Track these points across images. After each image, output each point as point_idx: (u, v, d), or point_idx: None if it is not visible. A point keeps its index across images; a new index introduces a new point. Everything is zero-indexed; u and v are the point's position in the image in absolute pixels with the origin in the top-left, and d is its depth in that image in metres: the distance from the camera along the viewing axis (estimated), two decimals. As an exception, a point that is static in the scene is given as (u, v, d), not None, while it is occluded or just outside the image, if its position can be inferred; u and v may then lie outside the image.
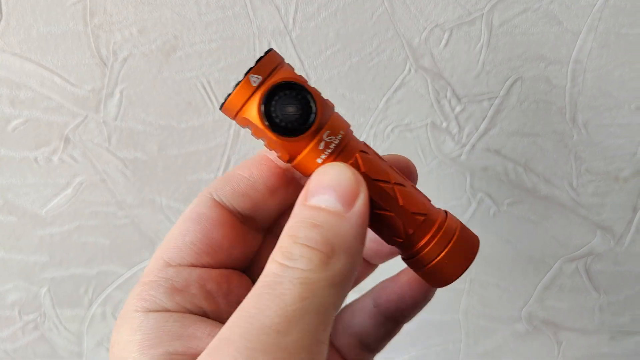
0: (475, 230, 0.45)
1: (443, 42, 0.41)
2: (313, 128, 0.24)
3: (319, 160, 0.24)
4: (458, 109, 0.42)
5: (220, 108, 0.25)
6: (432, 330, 0.48)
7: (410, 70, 0.41)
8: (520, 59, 0.42)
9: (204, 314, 0.24)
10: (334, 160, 0.24)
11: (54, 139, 0.41)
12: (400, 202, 0.25)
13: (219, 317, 0.25)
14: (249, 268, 0.28)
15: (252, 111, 0.23)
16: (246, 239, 0.27)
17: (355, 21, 0.40)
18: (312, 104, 0.24)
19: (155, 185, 0.43)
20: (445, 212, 0.27)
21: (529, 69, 0.42)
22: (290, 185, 0.27)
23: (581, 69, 0.42)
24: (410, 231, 0.25)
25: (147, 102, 0.41)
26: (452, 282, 0.26)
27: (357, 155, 0.25)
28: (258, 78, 0.23)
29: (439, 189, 0.44)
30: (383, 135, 0.43)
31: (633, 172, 0.44)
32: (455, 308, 0.47)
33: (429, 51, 0.41)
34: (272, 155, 0.27)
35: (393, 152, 0.43)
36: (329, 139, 0.24)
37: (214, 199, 0.26)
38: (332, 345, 0.31)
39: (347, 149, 0.25)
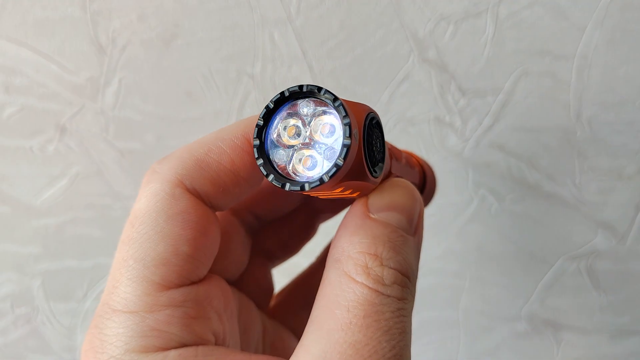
0: (476, 226, 0.45)
1: (448, 34, 0.40)
2: (382, 171, 0.21)
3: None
4: (462, 103, 0.42)
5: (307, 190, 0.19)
6: (431, 328, 0.48)
7: (414, 62, 0.41)
8: (526, 53, 0.41)
9: (222, 342, 0.21)
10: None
11: (50, 127, 0.40)
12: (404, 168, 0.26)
13: (224, 341, 0.21)
14: (215, 264, 0.24)
15: (360, 169, 0.19)
16: (216, 231, 0.23)
17: (360, 11, 0.39)
18: (384, 146, 0.21)
19: (152, 176, 0.42)
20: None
21: (534, 64, 0.41)
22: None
23: (587, 64, 0.42)
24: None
25: (146, 91, 0.40)
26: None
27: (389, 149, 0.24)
28: (356, 136, 0.19)
29: (441, 184, 0.44)
30: (386, 128, 0.42)
31: (637, 170, 0.44)
32: (454, 305, 0.47)
33: (434, 44, 0.40)
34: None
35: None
36: (377, 171, 0.21)
37: (190, 195, 0.21)
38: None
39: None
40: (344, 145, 0.18)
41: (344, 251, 0.20)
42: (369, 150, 0.19)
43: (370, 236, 0.20)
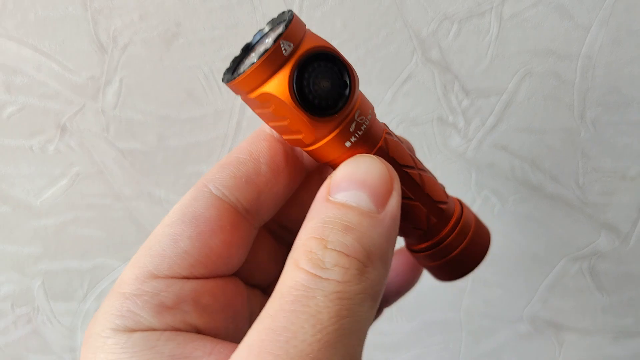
0: (479, 227, 0.45)
1: (452, 34, 0.40)
2: (348, 106, 0.20)
3: (348, 144, 0.21)
4: (465, 103, 0.42)
5: (231, 81, 0.20)
6: (433, 329, 0.47)
7: (417, 62, 0.40)
8: (530, 53, 0.41)
9: (198, 332, 0.21)
10: (363, 144, 0.21)
11: (50, 127, 0.40)
12: (426, 189, 0.23)
13: (216, 334, 0.22)
14: (240, 269, 0.24)
15: (280, 86, 0.19)
16: (247, 239, 0.23)
17: (363, 11, 0.39)
18: (347, 78, 0.20)
19: (153, 177, 0.42)
20: (459, 200, 0.26)
21: (538, 64, 0.41)
22: (294, 166, 0.24)
23: (591, 64, 0.41)
24: (434, 220, 0.24)
25: (147, 91, 0.40)
26: (468, 274, 0.25)
27: (384, 137, 0.22)
28: (290, 45, 0.19)
29: (444, 184, 0.43)
30: (389, 129, 0.42)
31: (640, 171, 0.44)
32: (456, 307, 0.47)
33: (437, 43, 0.40)
34: (275, 133, 0.23)
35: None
36: (360, 120, 0.21)
37: (213, 194, 0.22)
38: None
39: (375, 131, 0.22)
40: (265, 49, 0.19)
41: (298, 239, 0.20)
42: (302, 76, 0.19)
43: (322, 220, 0.19)
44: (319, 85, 0.20)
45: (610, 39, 0.41)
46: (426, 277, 0.46)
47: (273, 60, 0.19)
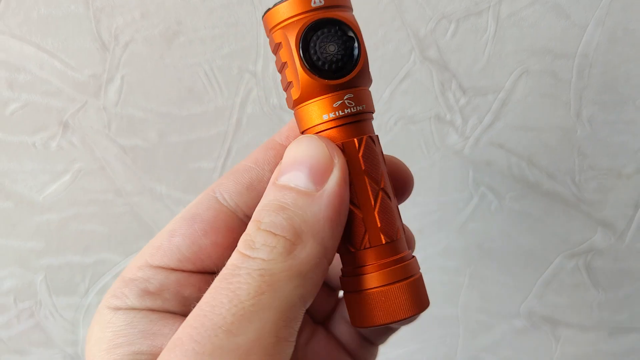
0: (476, 224, 0.45)
1: (449, 33, 0.40)
2: (344, 80, 0.21)
3: (325, 117, 0.21)
4: (463, 101, 0.42)
5: (265, 13, 0.22)
6: (431, 324, 0.48)
7: (415, 61, 0.41)
8: (527, 52, 0.41)
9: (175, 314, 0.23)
10: (338, 127, 0.22)
11: (53, 124, 0.41)
12: (377, 210, 0.22)
13: None
14: None
15: (294, 30, 0.21)
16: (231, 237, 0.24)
17: (362, 10, 0.39)
18: (357, 55, 0.21)
19: (155, 173, 0.42)
20: (415, 258, 0.24)
21: (535, 63, 0.42)
22: None
23: (587, 63, 0.42)
24: (368, 245, 0.22)
25: (148, 88, 0.41)
26: (375, 325, 0.22)
27: (364, 138, 0.22)
28: (321, 2, 0.21)
29: (442, 182, 0.44)
30: (387, 126, 0.42)
31: (636, 169, 0.44)
32: (454, 302, 0.47)
33: (435, 42, 0.41)
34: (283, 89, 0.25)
35: (396, 144, 0.42)
36: (349, 103, 0.21)
37: (215, 197, 0.24)
38: (332, 335, 0.30)
39: (357, 125, 0.22)
40: None
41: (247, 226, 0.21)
42: (315, 32, 0.21)
43: (262, 204, 0.20)
44: (325, 46, 0.21)
45: (606, 38, 0.41)
46: (425, 274, 0.46)
47: (299, 6, 0.21)
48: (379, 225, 0.22)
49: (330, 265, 0.21)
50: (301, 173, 0.20)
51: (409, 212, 0.44)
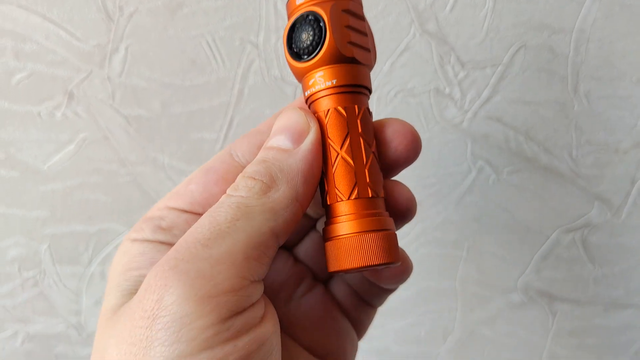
0: (474, 197, 0.46)
1: (448, 6, 0.41)
2: (305, 64, 0.25)
3: (307, 93, 0.26)
4: (461, 75, 0.43)
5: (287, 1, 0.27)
6: (428, 298, 0.49)
7: (415, 34, 0.42)
8: (525, 26, 0.42)
9: None
10: (313, 102, 0.26)
11: (58, 93, 0.41)
12: (367, 166, 0.25)
13: None
14: None
15: (294, 16, 0.26)
16: None
17: (362, -18, 0.40)
18: (321, 44, 0.25)
19: (158, 143, 0.43)
20: (392, 219, 0.26)
21: (533, 37, 0.42)
22: None
23: (584, 38, 0.42)
24: (356, 195, 0.25)
25: (152, 59, 0.41)
26: (350, 268, 0.24)
27: (363, 107, 0.26)
28: None
29: (440, 155, 0.44)
30: (386, 99, 0.43)
31: (632, 144, 0.45)
32: (452, 275, 0.48)
33: (435, 15, 0.41)
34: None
35: (396, 116, 0.43)
36: (319, 80, 0.25)
37: (230, 154, 0.27)
38: (330, 293, 0.31)
39: (351, 96, 0.26)
40: None
41: None
42: (300, 21, 0.25)
43: (252, 162, 0.24)
44: (299, 34, 0.25)
45: (603, 14, 0.42)
46: (423, 247, 0.47)
47: (290, 4, 0.26)
48: (368, 181, 0.25)
49: None
50: (282, 136, 0.24)
51: (408, 184, 0.45)
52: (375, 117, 0.41)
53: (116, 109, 0.42)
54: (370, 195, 0.25)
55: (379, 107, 0.43)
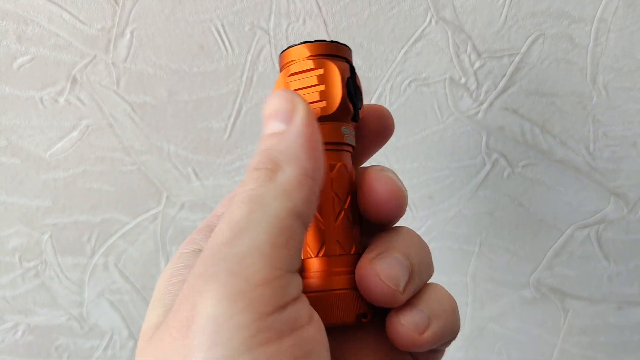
0: (488, 191, 0.45)
1: (466, -7, 0.40)
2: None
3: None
4: (477, 64, 0.41)
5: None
6: (439, 293, 0.47)
7: (430, 21, 0.40)
8: (544, 15, 0.41)
9: None
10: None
11: (61, 78, 0.40)
12: (337, 223, 0.25)
13: None
14: None
15: None
16: None
17: (378, -34, 0.38)
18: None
19: (163, 131, 0.42)
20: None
21: (552, 26, 0.41)
22: None
23: (605, 28, 0.41)
24: (322, 253, 0.25)
25: (159, 44, 0.40)
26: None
27: (338, 164, 0.25)
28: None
29: (454, 147, 0.43)
30: (400, 89, 0.42)
31: (651, 138, 0.43)
32: (463, 271, 0.47)
33: (451, 2, 0.40)
34: None
35: (409, 107, 0.42)
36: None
37: None
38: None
39: (332, 153, 0.25)
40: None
41: None
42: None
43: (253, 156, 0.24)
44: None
45: (625, 2, 0.40)
46: (435, 241, 0.46)
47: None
48: (336, 239, 0.25)
49: None
50: (273, 121, 0.23)
51: (420, 177, 0.44)
52: (388, 107, 0.40)
53: (121, 96, 0.41)
54: (338, 253, 0.25)
55: (392, 96, 0.42)
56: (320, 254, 0.25)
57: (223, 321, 0.19)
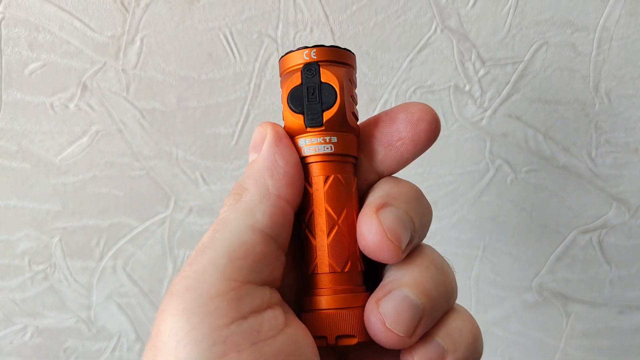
0: (491, 197, 0.45)
1: (470, 2, 0.40)
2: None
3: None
4: (482, 72, 0.42)
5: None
6: (443, 297, 0.48)
7: (436, 30, 0.41)
8: (547, 23, 0.41)
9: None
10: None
11: (72, 85, 0.41)
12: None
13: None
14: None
15: None
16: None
17: (384, -24, 0.39)
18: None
19: (172, 137, 0.42)
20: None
21: (555, 35, 0.41)
22: None
23: (608, 36, 0.42)
24: (318, 270, 0.24)
25: (168, 51, 0.40)
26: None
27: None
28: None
29: (458, 153, 0.44)
30: (405, 96, 0.42)
31: (653, 145, 0.44)
32: (466, 274, 0.47)
33: (456, 11, 0.40)
34: None
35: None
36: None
37: None
38: None
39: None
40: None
41: None
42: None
43: None
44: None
45: (628, 11, 0.41)
46: (439, 245, 0.46)
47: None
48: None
49: None
50: (250, 153, 0.25)
51: (425, 183, 0.44)
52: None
53: (130, 102, 0.41)
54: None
55: (398, 103, 0.42)
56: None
57: (182, 336, 0.19)
